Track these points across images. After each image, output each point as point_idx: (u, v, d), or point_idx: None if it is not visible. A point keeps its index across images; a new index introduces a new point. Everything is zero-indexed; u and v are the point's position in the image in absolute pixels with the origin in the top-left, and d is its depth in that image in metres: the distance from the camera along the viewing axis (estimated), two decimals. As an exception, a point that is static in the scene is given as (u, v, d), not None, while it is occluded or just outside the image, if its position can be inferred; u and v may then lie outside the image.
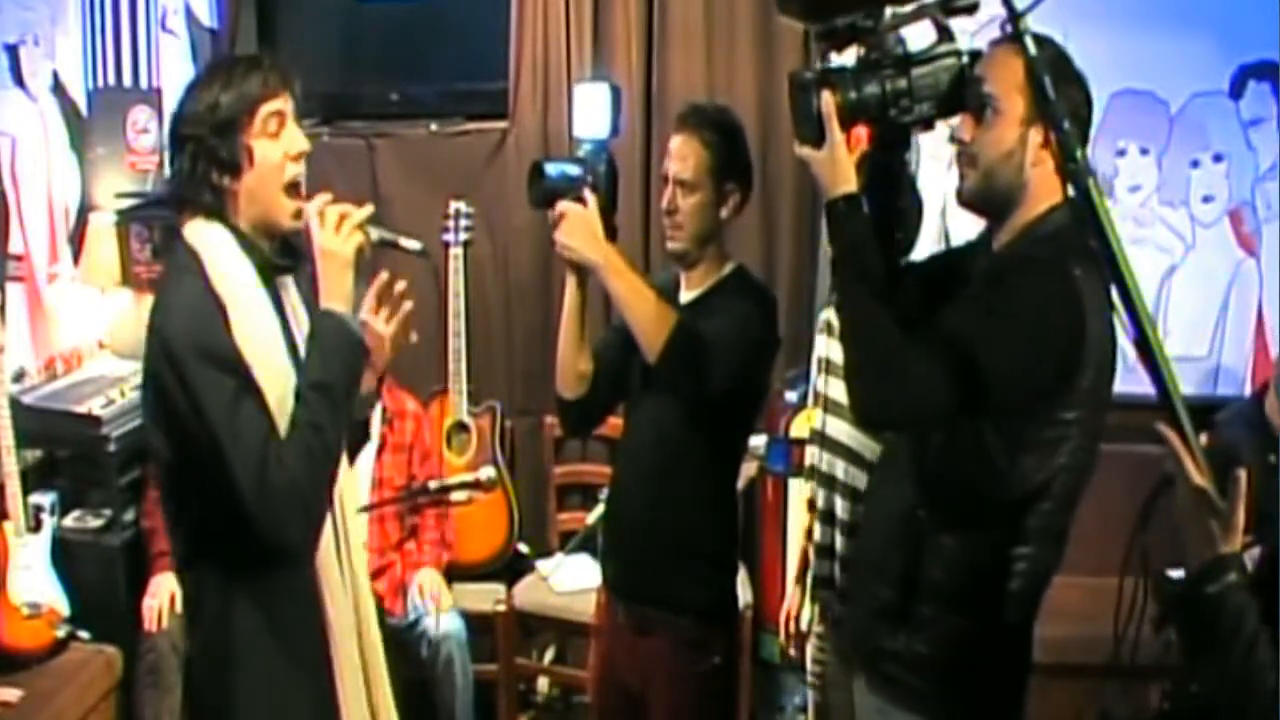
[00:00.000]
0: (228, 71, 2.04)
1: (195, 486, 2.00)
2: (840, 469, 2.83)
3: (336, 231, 2.05)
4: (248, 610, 2.05)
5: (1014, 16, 1.81)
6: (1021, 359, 1.94)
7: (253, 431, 1.92)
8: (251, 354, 1.97)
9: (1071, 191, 1.77)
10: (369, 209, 2.10)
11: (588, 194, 2.47)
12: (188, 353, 1.93)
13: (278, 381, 1.99)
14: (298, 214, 2.07)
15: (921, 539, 2.09)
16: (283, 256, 2.12)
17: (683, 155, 2.58)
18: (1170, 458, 1.67)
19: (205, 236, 2.03)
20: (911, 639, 2.11)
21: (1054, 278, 1.95)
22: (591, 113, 2.63)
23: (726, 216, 2.62)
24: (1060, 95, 1.90)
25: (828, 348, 2.88)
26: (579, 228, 2.45)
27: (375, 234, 2.13)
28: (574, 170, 2.53)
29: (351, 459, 2.26)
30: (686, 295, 2.64)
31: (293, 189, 2.08)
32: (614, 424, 2.87)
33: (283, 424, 1.96)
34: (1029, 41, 1.82)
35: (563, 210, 2.46)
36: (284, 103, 2.06)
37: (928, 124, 2.08)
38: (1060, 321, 1.95)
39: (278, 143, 2.05)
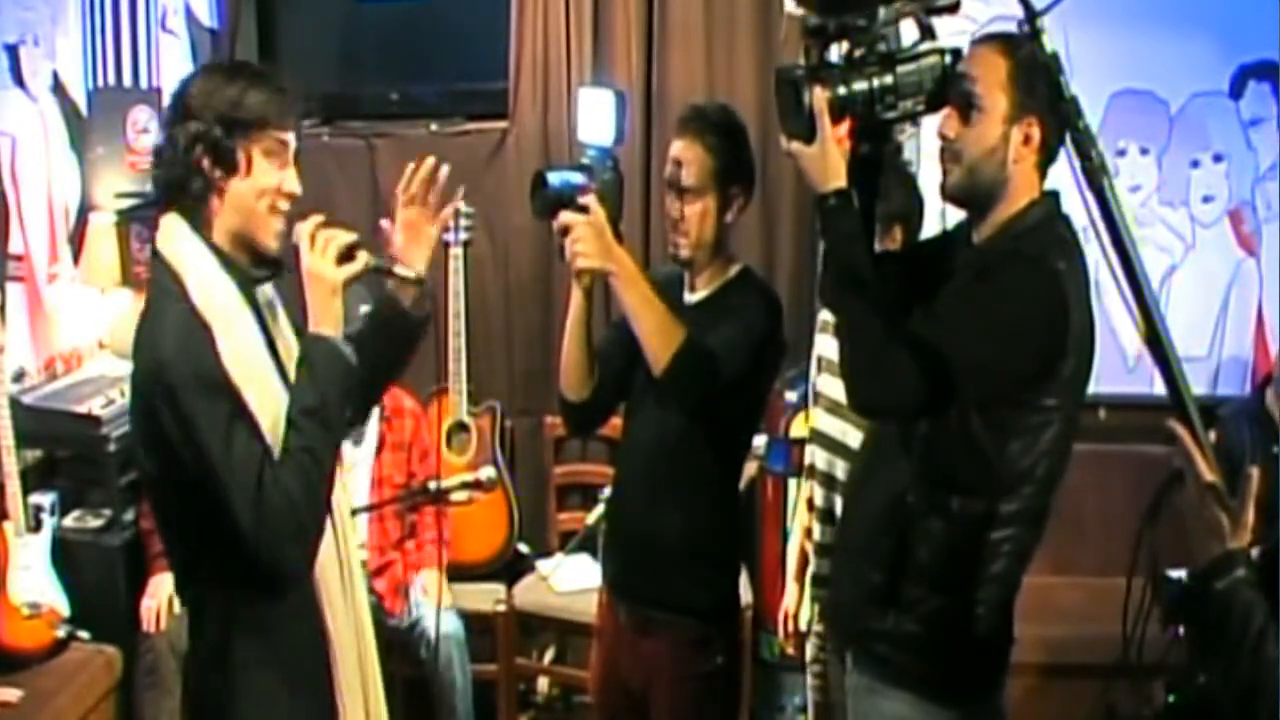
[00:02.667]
0: (258, 78, 2.03)
1: (186, 511, 1.99)
2: (840, 468, 2.83)
3: (324, 255, 2.02)
4: (248, 633, 2.04)
5: (1031, 16, 1.82)
6: (1008, 349, 2.02)
7: (248, 457, 1.91)
8: (241, 377, 1.95)
9: (1090, 197, 1.78)
10: (354, 235, 2.07)
11: (590, 199, 2.41)
12: (181, 379, 1.90)
13: (269, 402, 1.97)
14: (279, 234, 2.05)
15: (909, 522, 2.16)
16: (260, 267, 2.08)
17: (686, 161, 2.53)
18: (1179, 454, 1.69)
19: (184, 255, 1.99)
20: (901, 619, 2.18)
21: (1037, 271, 2.04)
22: (595, 118, 2.58)
23: (731, 220, 2.59)
24: (1039, 94, 1.98)
25: (826, 346, 2.89)
26: (589, 236, 2.38)
27: (370, 261, 2.09)
28: (577, 178, 2.48)
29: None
30: (692, 296, 2.63)
31: (277, 210, 2.05)
32: (615, 424, 2.86)
33: (276, 445, 1.95)
34: (1045, 41, 1.83)
35: (567, 223, 2.39)
36: (292, 137, 2.05)
37: (912, 120, 2.13)
38: (1044, 313, 2.02)
39: (275, 169, 2.03)
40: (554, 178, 2.47)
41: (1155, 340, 1.72)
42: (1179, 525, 1.73)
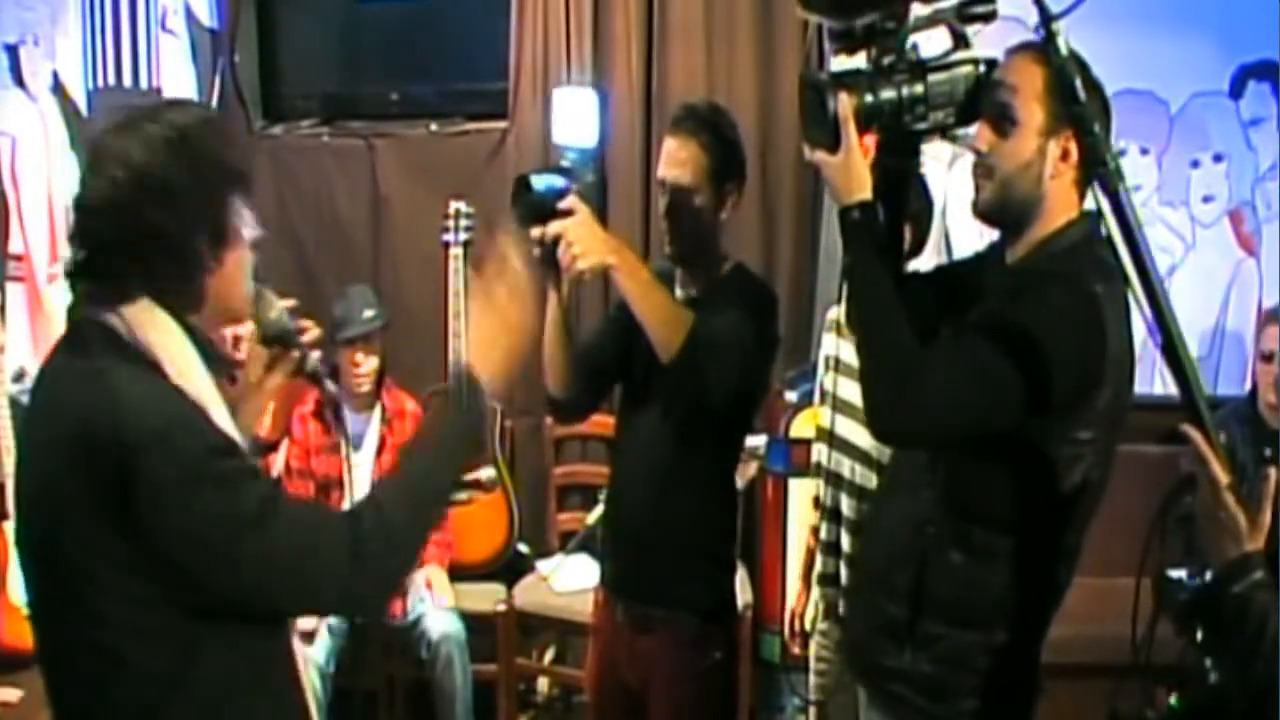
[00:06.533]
0: (217, 131, 1.73)
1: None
2: (847, 467, 2.84)
3: None
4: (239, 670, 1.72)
5: (1047, 20, 1.77)
6: (1040, 374, 1.89)
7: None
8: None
9: (1103, 200, 1.75)
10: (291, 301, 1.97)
11: (573, 201, 2.35)
12: (201, 461, 1.59)
13: None
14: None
15: (930, 554, 2.06)
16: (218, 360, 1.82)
17: (680, 160, 2.51)
18: (1192, 457, 1.66)
19: (151, 327, 1.66)
20: (916, 656, 2.08)
21: (1074, 294, 1.92)
22: (574, 119, 2.51)
23: (725, 216, 2.58)
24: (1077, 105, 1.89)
25: (836, 346, 2.89)
26: (584, 236, 2.34)
27: (310, 364, 2.00)
28: (560, 182, 2.41)
29: None
30: (684, 294, 2.61)
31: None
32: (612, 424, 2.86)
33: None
34: (1061, 44, 1.77)
35: (559, 231, 2.33)
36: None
37: (942, 132, 2.02)
38: (1080, 338, 1.91)
39: (250, 221, 1.74)
40: (538, 182, 2.39)
41: (1171, 346, 1.70)
42: (1175, 527, 1.72)
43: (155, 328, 1.66)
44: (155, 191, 1.62)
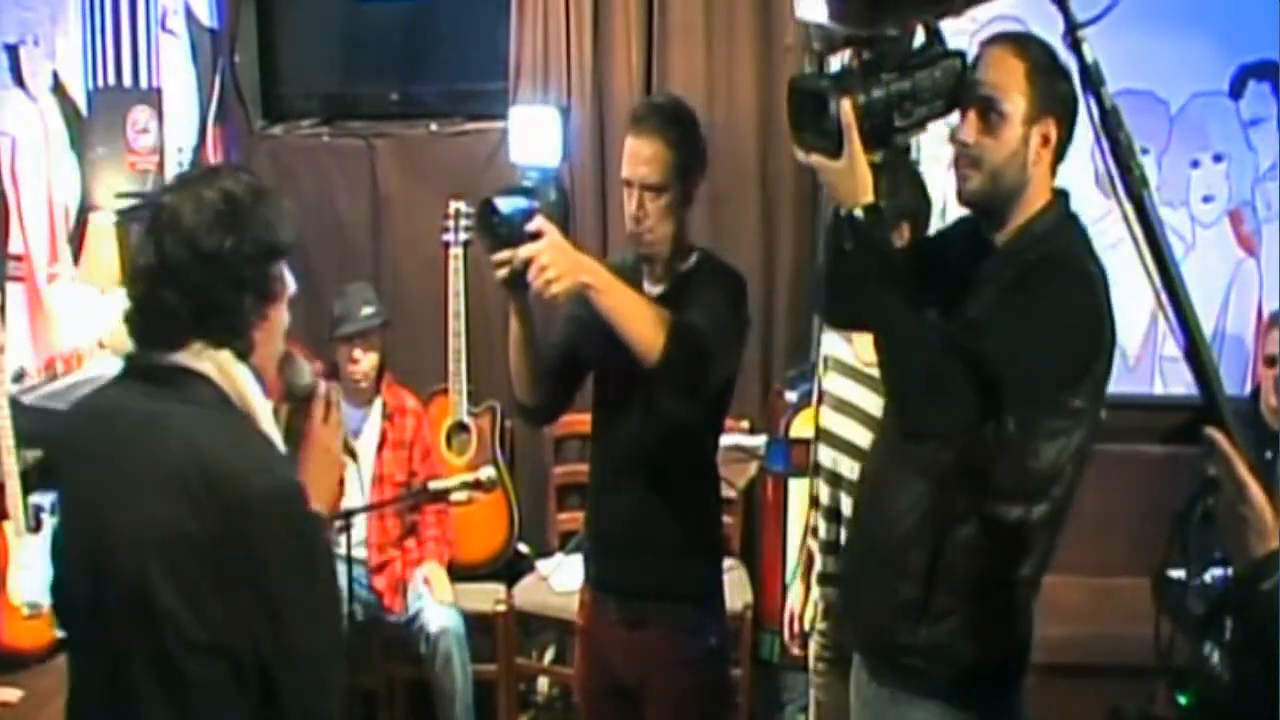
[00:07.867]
0: (258, 189, 1.84)
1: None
2: (847, 467, 2.83)
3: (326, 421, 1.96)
4: None
5: (1072, 28, 1.79)
6: (1056, 360, 1.99)
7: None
8: None
9: (1126, 204, 1.76)
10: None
11: (541, 222, 2.31)
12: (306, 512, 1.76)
13: None
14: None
15: (943, 533, 2.12)
16: None
17: (646, 159, 2.48)
18: (1214, 458, 1.67)
19: (229, 369, 1.78)
20: (933, 630, 2.14)
21: (1076, 278, 2.02)
22: (534, 138, 2.45)
23: (690, 206, 2.57)
24: (1056, 93, 1.98)
25: (834, 345, 2.88)
26: (557, 259, 2.29)
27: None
28: (525, 203, 2.35)
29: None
30: (653, 288, 2.59)
31: None
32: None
33: None
34: (1086, 51, 1.80)
35: (530, 255, 2.28)
36: None
37: (923, 126, 2.06)
38: (1088, 321, 2.01)
39: (290, 280, 1.87)
40: (504, 205, 2.34)
41: (1194, 348, 1.71)
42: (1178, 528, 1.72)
43: (242, 374, 1.78)
44: (203, 257, 1.74)
